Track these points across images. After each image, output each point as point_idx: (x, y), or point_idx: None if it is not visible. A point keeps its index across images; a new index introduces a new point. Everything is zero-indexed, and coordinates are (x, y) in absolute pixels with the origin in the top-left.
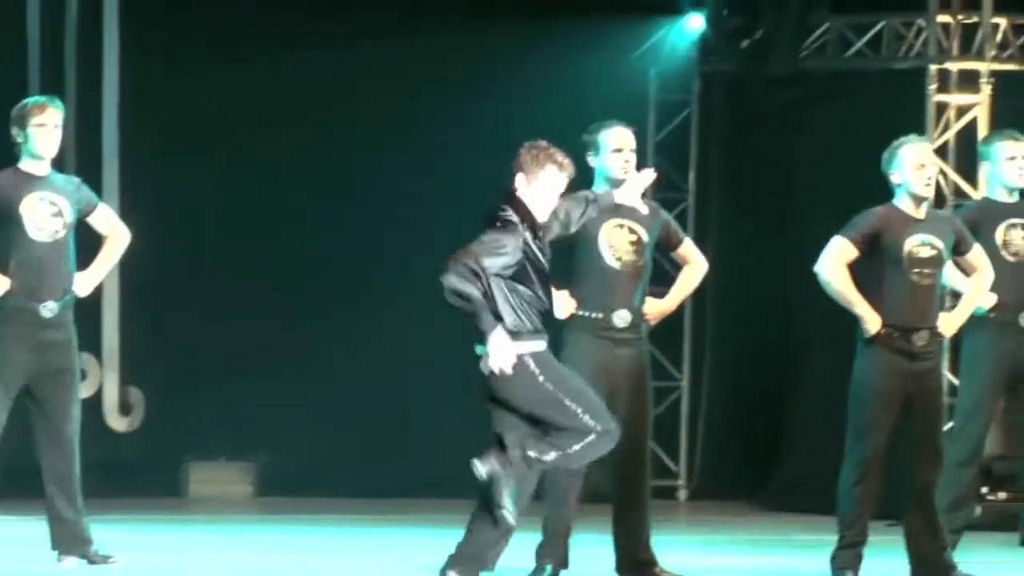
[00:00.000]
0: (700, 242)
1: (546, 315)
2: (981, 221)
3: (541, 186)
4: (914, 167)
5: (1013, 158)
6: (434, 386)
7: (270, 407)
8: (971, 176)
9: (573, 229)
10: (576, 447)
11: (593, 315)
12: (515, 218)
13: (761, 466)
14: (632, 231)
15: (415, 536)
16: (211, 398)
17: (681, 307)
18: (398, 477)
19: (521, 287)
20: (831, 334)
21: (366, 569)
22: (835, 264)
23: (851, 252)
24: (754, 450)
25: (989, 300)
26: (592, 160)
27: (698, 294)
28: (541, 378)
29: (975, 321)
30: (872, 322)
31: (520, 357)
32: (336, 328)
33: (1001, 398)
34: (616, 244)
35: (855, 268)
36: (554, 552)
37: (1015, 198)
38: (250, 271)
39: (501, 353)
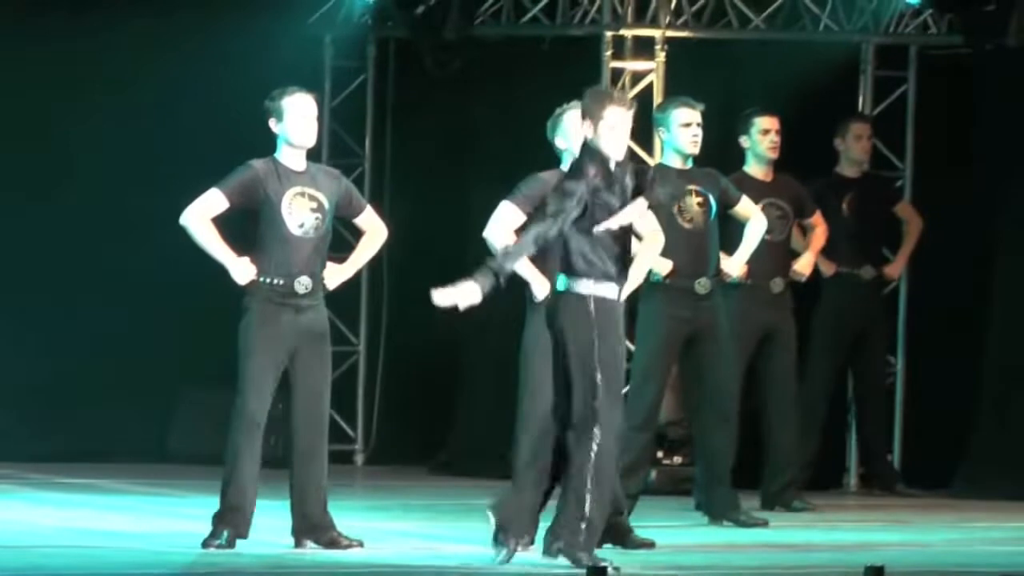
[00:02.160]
0: (375, 208)
1: (621, 261)
2: None
3: (606, 126)
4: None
5: (688, 124)
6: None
7: None
8: (647, 143)
9: None
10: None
11: (275, 281)
12: (586, 164)
13: (437, 432)
14: (312, 198)
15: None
16: None
17: (359, 272)
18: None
19: (591, 232)
20: (506, 300)
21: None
22: (503, 229)
23: (519, 216)
24: (430, 416)
25: (665, 266)
26: (276, 127)
27: (375, 260)
28: (594, 332)
29: (650, 287)
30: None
31: (583, 297)
32: None
33: (675, 364)
34: (297, 211)
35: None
36: (233, 520)
37: (689, 164)
38: None
39: (452, 294)
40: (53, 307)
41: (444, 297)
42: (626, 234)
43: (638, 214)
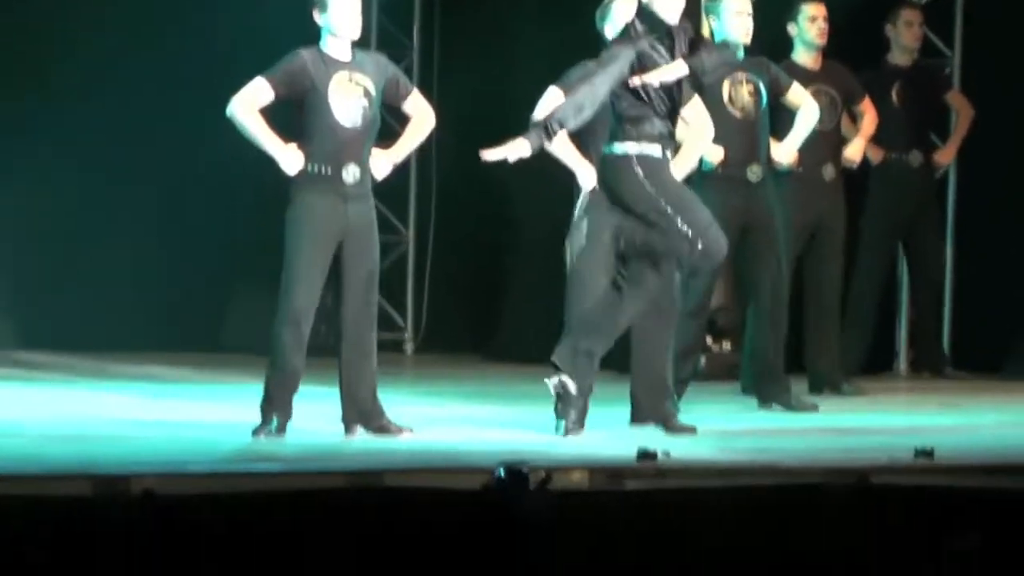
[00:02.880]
0: (424, 97)
1: (666, 124)
2: None
3: None
4: (733, 14)
5: (740, 13)
6: None
7: None
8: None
9: None
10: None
11: (322, 170)
12: (636, 27)
13: (487, 321)
14: (359, 84)
15: None
16: None
17: (407, 161)
18: None
19: (636, 93)
20: (552, 189)
21: None
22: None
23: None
24: (481, 305)
25: (716, 154)
26: (319, 18)
27: (424, 148)
28: (646, 183)
29: (701, 176)
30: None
31: (627, 157)
32: None
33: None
34: (344, 98)
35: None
36: (280, 406)
37: (740, 54)
38: None
39: (501, 150)
40: (109, 198)
41: (493, 154)
42: (672, 99)
43: (678, 73)
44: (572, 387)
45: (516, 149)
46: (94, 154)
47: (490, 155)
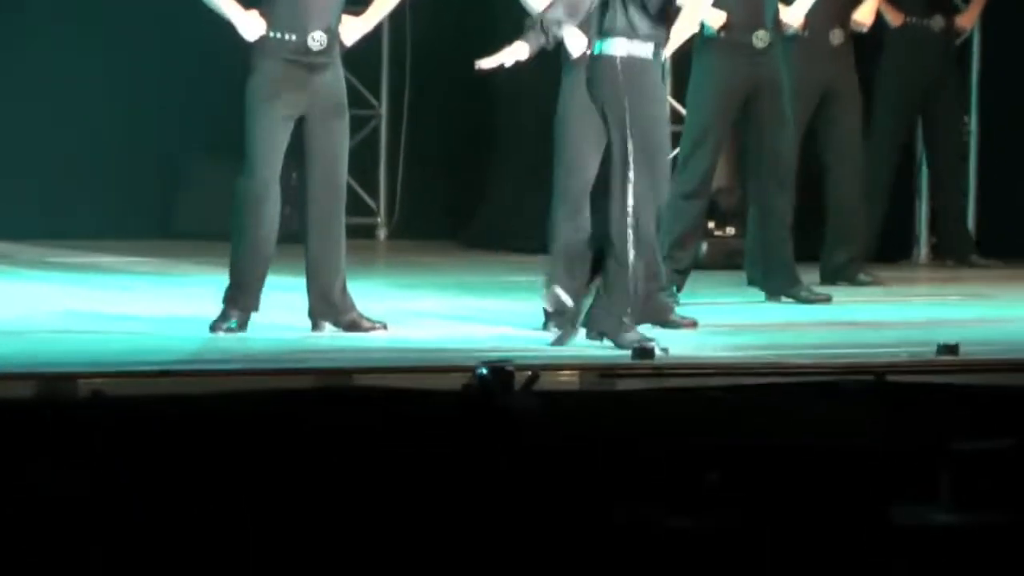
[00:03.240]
0: None
1: (661, 16)
2: None
3: None
4: None
5: None
6: None
7: None
8: None
9: None
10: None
11: (286, 37)
12: None
13: (466, 205)
14: None
15: None
16: None
17: (379, 27)
18: None
19: None
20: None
21: None
22: None
23: None
24: (458, 185)
25: (717, 19)
26: None
27: (397, 12)
28: (625, 94)
29: (703, 42)
30: None
31: (612, 60)
32: None
33: (731, 125)
34: None
35: None
36: (242, 301)
37: None
38: None
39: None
40: (49, 75)
41: (489, 62)
42: None
43: None
44: (566, 298)
45: (514, 53)
46: (35, 32)
47: (486, 63)
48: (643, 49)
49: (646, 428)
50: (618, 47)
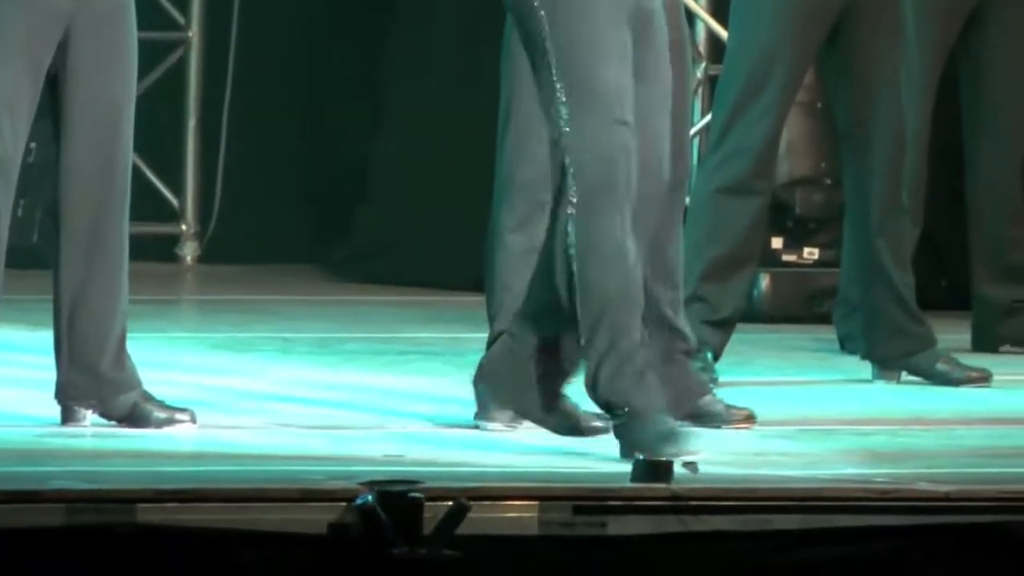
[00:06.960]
0: None
1: None
2: None
3: None
4: None
5: None
6: None
7: None
8: None
9: None
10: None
11: None
12: None
13: (330, 210)
14: None
15: None
16: None
17: None
18: None
19: None
20: None
21: None
22: None
23: None
24: (315, 170)
25: None
26: None
27: None
28: (545, 25)
29: None
30: None
31: None
32: None
33: (810, 63)
34: None
35: None
36: None
37: None
38: None
39: None
40: None
41: None
42: None
43: None
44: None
45: None
46: None
47: None
48: None
49: None
50: None
